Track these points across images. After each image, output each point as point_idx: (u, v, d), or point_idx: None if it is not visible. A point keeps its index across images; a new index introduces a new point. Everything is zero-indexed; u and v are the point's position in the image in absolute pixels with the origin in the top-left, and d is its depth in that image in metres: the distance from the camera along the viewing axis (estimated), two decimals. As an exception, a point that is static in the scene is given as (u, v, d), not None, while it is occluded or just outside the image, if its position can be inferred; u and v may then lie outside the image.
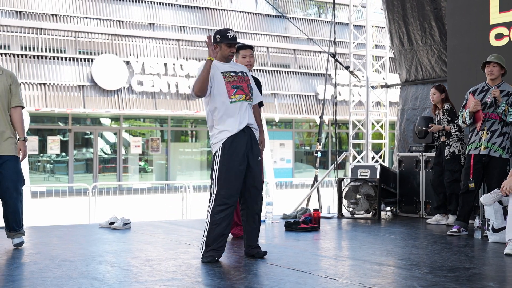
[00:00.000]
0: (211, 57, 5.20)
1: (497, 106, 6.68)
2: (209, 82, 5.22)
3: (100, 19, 23.69)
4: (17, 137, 5.88)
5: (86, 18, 23.46)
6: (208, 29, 25.50)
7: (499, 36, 8.16)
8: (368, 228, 7.89)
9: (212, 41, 5.24)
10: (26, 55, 21.61)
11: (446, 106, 7.94)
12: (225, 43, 5.30)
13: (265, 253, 5.44)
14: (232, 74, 5.33)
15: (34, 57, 21.65)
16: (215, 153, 5.27)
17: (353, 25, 12.27)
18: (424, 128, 8.68)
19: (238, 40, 5.43)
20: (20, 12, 22.41)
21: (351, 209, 8.94)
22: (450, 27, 8.98)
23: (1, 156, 5.72)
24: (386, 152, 12.08)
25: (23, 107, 5.90)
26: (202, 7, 25.73)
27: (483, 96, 6.82)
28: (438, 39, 9.97)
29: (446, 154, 7.87)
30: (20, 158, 5.84)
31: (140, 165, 25.33)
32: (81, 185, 17.63)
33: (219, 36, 5.31)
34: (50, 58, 21.83)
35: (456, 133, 7.73)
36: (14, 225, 5.86)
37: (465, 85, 8.11)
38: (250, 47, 6.42)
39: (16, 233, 5.88)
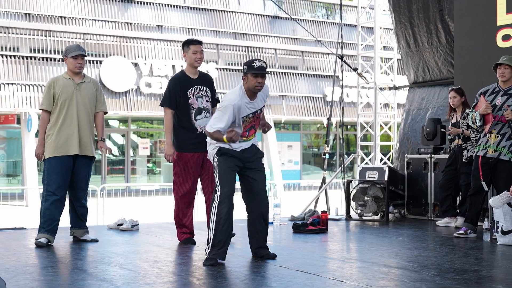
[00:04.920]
0: (227, 141, 5.18)
1: None
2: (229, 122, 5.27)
3: (108, 21, 23.76)
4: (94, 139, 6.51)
5: (95, 20, 23.55)
6: (216, 31, 25.55)
7: (506, 37, 8.12)
8: (376, 230, 7.88)
9: None
10: (35, 57, 21.70)
11: (467, 110, 7.83)
12: (250, 73, 5.19)
13: (275, 255, 5.44)
14: (250, 116, 5.30)
15: (43, 59, 21.74)
16: (213, 158, 5.34)
17: (361, 26, 12.26)
18: (443, 130, 8.67)
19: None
20: (29, 14, 22.52)
21: (359, 211, 8.93)
22: (457, 28, 8.95)
23: (80, 158, 6.29)
24: (394, 154, 12.05)
25: (106, 112, 6.55)
26: (210, 9, 25.77)
27: (493, 97, 6.76)
28: (444, 41, 9.94)
29: (464, 158, 7.82)
30: (106, 153, 6.51)
31: (148, 166, 25.39)
32: (90, 186, 17.64)
33: (245, 67, 5.25)
34: (58, 60, 21.91)
35: (476, 137, 7.64)
36: (85, 222, 6.48)
37: (472, 86, 8.08)
38: (201, 43, 6.36)
39: (84, 231, 6.46)
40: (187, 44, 6.34)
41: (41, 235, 6.10)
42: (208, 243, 5.23)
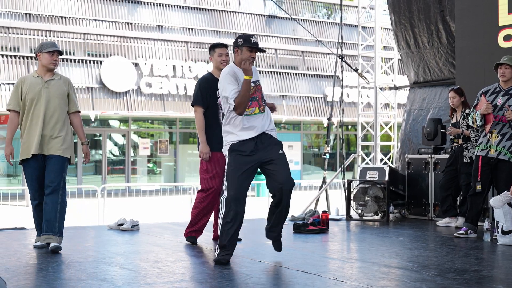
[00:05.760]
0: (249, 77, 5.19)
1: None
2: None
3: (109, 21, 23.76)
4: (73, 141, 6.11)
5: (95, 20, 23.55)
6: (217, 31, 25.55)
7: (507, 38, 8.12)
8: (377, 230, 7.88)
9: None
10: (35, 57, 21.67)
11: (467, 110, 7.83)
12: (246, 46, 5.36)
13: (280, 248, 5.49)
14: (252, 85, 5.32)
15: (43, 59, 21.71)
16: (226, 155, 5.34)
17: (362, 26, 12.25)
18: (442, 131, 8.67)
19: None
20: (29, 14, 22.52)
21: (359, 211, 8.93)
22: (459, 28, 8.95)
23: (49, 156, 5.87)
24: (394, 154, 12.06)
25: (79, 112, 6.16)
26: (211, 9, 25.76)
27: (494, 97, 6.78)
28: (445, 42, 9.93)
29: (465, 159, 7.82)
30: (86, 161, 6.11)
31: (148, 166, 25.39)
32: (90, 186, 17.66)
33: (241, 40, 5.39)
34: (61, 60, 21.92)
35: (476, 137, 7.64)
36: (45, 227, 5.78)
37: (473, 86, 8.08)
38: (226, 46, 6.48)
39: (47, 237, 5.76)
40: (213, 47, 6.47)
41: (37, 238, 6.01)
42: (219, 243, 5.25)
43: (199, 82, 6.38)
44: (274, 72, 25.67)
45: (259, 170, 5.38)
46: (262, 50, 5.46)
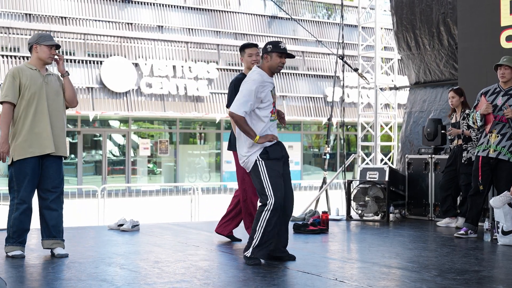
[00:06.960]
0: (257, 139, 5.17)
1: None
2: (257, 99, 5.25)
3: (109, 21, 23.77)
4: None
5: (95, 20, 23.56)
6: (217, 31, 25.55)
7: (510, 38, 8.11)
8: (377, 230, 7.88)
9: None
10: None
11: (467, 111, 7.83)
12: (276, 52, 5.31)
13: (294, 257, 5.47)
14: (272, 92, 5.39)
15: (43, 60, 21.72)
16: (256, 160, 5.24)
17: (362, 27, 12.26)
18: (443, 132, 8.66)
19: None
20: (29, 14, 22.53)
21: (359, 211, 8.93)
22: (461, 29, 8.94)
23: (49, 158, 5.57)
24: (395, 154, 12.06)
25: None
26: (211, 9, 25.78)
27: (494, 98, 6.78)
28: (446, 44, 9.92)
29: (463, 160, 7.82)
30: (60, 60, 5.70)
31: (148, 167, 25.40)
32: (90, 187, 17.66)
33: (270, 46, 5.36)
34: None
35: (477, 137, 7.62)
36: (52, 232, 5.58)
37: (476, 87, 8.07)
38: (256, 46, 6.49)
39: (55, 242, 5.60)
40: (243, 48, 6.49)
41: (13, 247, 5.48)
42: (250, 245, 5.20)
43: (233, 83, 6.37)
44: (274, 72, 25.65)
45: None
46: (292, 56, 5.42)
